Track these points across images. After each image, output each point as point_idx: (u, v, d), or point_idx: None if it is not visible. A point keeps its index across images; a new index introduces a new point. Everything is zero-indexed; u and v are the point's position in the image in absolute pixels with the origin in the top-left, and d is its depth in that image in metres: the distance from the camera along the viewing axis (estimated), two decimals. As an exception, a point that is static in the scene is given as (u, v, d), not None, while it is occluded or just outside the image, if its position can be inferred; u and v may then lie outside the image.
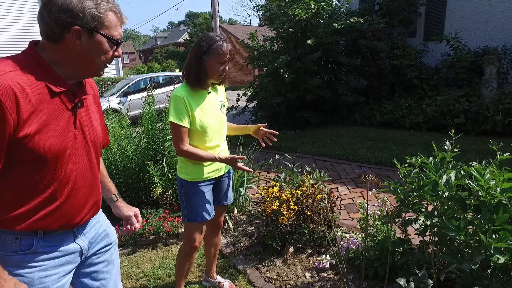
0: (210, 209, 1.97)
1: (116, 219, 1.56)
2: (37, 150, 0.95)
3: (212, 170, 1.94)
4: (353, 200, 3.82)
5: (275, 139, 2.14)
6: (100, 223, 1.27)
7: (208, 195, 1.96)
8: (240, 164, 1.83)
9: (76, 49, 0.99)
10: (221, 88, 2.03)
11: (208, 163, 1.91)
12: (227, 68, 1.85)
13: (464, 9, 7.93)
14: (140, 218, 1.39)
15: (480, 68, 6.97)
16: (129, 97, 9.28)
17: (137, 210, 1.39)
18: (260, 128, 2.15)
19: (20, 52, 1.00)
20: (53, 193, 1.03)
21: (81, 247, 1.16)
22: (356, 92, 8.00)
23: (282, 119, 7.96)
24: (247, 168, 1.84)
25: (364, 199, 3.03)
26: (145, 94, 3.68)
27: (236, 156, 1.83)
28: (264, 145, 2.15)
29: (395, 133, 6.67)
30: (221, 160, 1.85)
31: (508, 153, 1.81)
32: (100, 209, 1.27)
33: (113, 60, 1.13)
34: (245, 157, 1.91)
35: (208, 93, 1.90)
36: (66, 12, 0.94)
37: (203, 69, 1.78)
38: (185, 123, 1.79)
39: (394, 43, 7.92)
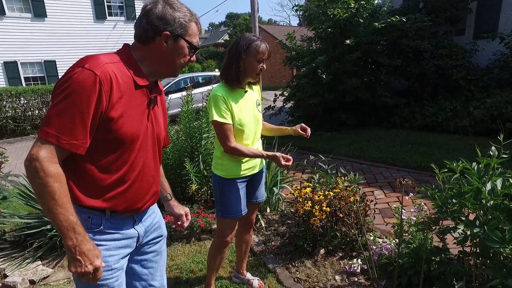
0: (243, 206, 2.01)
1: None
2: (119, 131, 1.10)
3: (247, 168, 1.98)
4: (388, 205, 3.70)
5: (308, 135, 2.11)
6: (155, 214, 1.40)
7: (242, 192, 2.00)
8: (284, 163, 1.85)
9: (162, 50, 1.17)
10: (256, 88, 2.07)
11: (245, 160, 1.96)
12: (265, 66, 1.89)
13: (522, 3, 7.29)
14: (189, 217, 1.54)
15: (541, 68, 6.40)
16: (170, 96, 9.60)
17: (187, 209, 1.54)
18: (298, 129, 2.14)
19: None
20: (123, 175, 1.17)
21: (138, 233, 1.28)
22: (396, 93, 7.68)
23: (318, 120, 7.86)
24: (289, 164, 1.85)
25: (401, 204, 2.92)
26: (184, 93, 3.81)
27: (282, 155, 1.84)
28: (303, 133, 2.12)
29: (438, 137, 6.33)
30: (268, 156, 1.88)
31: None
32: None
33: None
34: (291, 158, 1.88)
35: (245, 91, 1.95)
36: (161, 19, 1.14)
37: (242, 67, 1.84)
38: (229, 119, 1.84)
39: (439, 42, 7.48)
